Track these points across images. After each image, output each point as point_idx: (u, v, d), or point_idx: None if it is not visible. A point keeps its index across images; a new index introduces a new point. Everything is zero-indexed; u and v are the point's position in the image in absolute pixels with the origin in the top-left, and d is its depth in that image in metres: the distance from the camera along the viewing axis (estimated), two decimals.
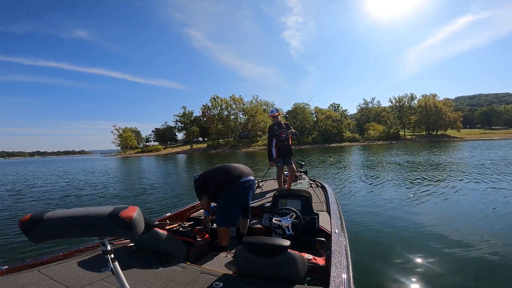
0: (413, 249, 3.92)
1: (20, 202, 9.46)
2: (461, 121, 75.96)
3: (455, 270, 3.28)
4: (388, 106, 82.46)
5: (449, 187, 8.18)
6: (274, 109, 5.07)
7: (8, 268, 1.74)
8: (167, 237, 2.11)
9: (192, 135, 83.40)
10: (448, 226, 4.81)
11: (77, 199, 9.59)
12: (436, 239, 4.27)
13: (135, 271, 1.77)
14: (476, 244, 3.96)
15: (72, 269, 1.79)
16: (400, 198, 7.15)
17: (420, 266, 3.40)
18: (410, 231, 4.69)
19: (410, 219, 5.27)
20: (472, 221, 5.06)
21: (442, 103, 75.62)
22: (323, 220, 2.87)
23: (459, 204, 6.26)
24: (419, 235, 4.50)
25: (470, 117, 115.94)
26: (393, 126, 75.69)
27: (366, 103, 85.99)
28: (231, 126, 77.77)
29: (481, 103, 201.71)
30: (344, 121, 77.94)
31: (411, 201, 6.78)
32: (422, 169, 12.83)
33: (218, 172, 2.75)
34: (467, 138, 66.31)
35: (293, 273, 1.61)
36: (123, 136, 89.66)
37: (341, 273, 1.57)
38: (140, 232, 0.99)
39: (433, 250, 3.86)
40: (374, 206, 6.38)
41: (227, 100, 77.79)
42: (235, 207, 2.65)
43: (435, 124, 74.94)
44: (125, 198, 9.45)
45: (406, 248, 3.95)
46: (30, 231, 0.91)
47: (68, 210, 0.98)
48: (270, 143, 4.97)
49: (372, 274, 3.26)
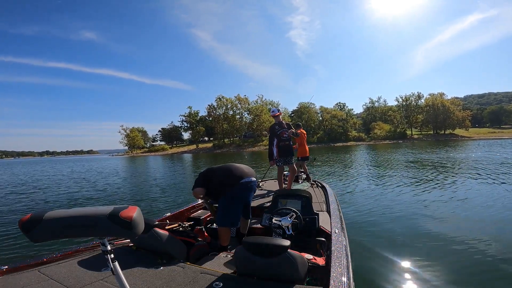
0: (414, 249, 3.90)
1: (20, 202, 9.50)
2: (469, 120, 74.75)
3: (455, 270, 3.25)
4: (395, 105, 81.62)
5: (452, 187, 8.08)
6: (275, 109, 5.07)
7: (8, 268, 1.75)
8: (167, 237, 2.10)
9: (197, 135, 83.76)
10: (449, 226, 4.77)
11: (79, 199, 9.61)
12: (436, 239, 4.24)
13: (135, 271, 1.77)
14: (478, 246, 3.89)
15: (72, 269, 1.79)
16: (401, 198, 7.09)
17: (421, 267, 3.37)
18: (410, 231, 4.66)
19: (411, 219, 5.24)
20: (476, 222, 4.98)
21: (450, 102, 74.56)
22: (323, 220, 2.87)
23: (461, 204, 6.19)
24: (419, 235, 4.47)
25: (479, 116, 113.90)
26: (399, 125, 74.91)
27: (372, 102, 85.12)
28: (236, 125, 77.90)
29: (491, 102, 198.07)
30: (350, 120, 77.42)
31: (412, 201, 6.72)
32: (425, 169, 12.70)
33: (221, 172, 2.75)
34: (476, 137, 65.18)
35: (293, 273, 1.61)
36: (130, 136, 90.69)
37: (341, 273, 1.56)
38: (140, 232, 0.99)
39: (433, 250, 3.83)
40: (374, 206, 6.33)
41: (232, 100, 77.98)
42: (237, 207, 2.65)
43: (443, 123, 73.88)
44: (126, 198, 9.47)
45: (407, 248, 3.92)
46: (30, 231, 0.91)
47: (68, 210, 0.98)
48: (271, 142, 4.98)
49: (372, 274, 3.25)
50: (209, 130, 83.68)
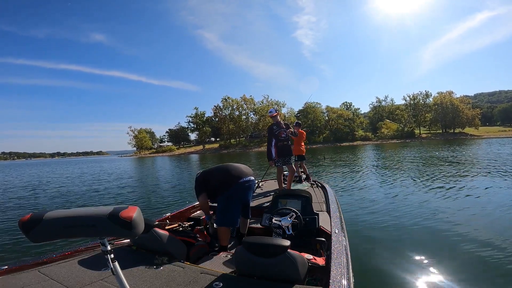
0: (414, 249, 3.87)
1: (21, 202, 9.61)
2: (479, 119, 73.24)
3: (455, 271, 3.22)
4: (403, 104, 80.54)
5: (453, 187, 7.97)
6: (273, 109, 5.07)
7: (8, 268, 1.74)
8: (167, 237, 2.11)
9: (204, 136, 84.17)
10: (449, 226, 4.72)
11: (79, 200, 9.67)
12: (437, 239, 4.21)
13: (135, 271, 1.78)
14: (485, 246, 3.83)
15: (72, 269, 1.80)
16: (402, 197, 7.03)
17: (421, 267, 3.35)
18: (411, 231, 4.63)
19: (411, 219, 5.20)
20: (482, 223, 4.89)
21: (459, 100, 73.09)
22: (323, 220, 2.86)
23: (464, 204, 6.11)
24: (420, 235, 4.44)
25: (489, 114, 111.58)
26: (407, 124, 73.87)
27: (379, 101, 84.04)
28: (242, 126, 78.02)
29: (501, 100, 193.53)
30: (357, 120, 76.67)
31: (413, 201, 6.65)
32: (427, 168, 12.55)
33: (219, 172, 2.77)
34: (485, 136, 63.82)
35: (293, 273, 1.61)
36: (138, 137, 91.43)
37: (341, 273, 1.56)
38: (140, 232, 0.99)
39: (434, 250, 3.79)
40: (375, 206, 6.30)
41: (238, 101, 78.11)
42: (235, 207, 2.66)
43: (452, 122, 72.50)
44: (127, 198, 9.51)
45: (407, 248, 3.90)
46: (30, 231, 0.92)
47: (68, 210, 0.97)
48: (269, 143, 4.98)
49: (372, 274, 3.24)
50: (215, 131, 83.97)
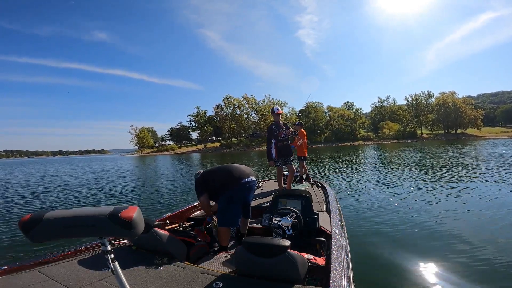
0: (414, 249, 3.87)
1: (23, 201, 9.61)
2: (481, 119, 72.94)
3: (456, 271, 3.21)
4: (405, 104, 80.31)
5: (454, 187, 7.96)
6: (277, 108, 5.06)
7: (8, 268, 1.74)
8: (167, 237, 2.11)
9: (205, 135, 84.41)
10: (450, 227, 4.71)
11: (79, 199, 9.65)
12: (438, 240, 4.19)
13: (135, 271, 1.78)
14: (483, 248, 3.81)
15: (72, 269, 1.80)
16: (402, 198, 7.01)
17: (421, 267, 3.34)
18: (411, 231, 4.62)
19: (412, 219, 5.19)
20: (486, 224, 4.86)
21: (461, 100, 72.98)
22: (323, 220, 2.86)
23: (464, 204, 6.11)
24: (420, 235, 4.43)
25: (492, 115, 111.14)
26: (409, 124, 73.70)
27: (381, 101, 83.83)
28: (244, 125, 78.10)
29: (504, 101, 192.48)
30: (358, 119, 76.58)
31: (413, 201, 6.65)
32: (428, 169, 12.53)
33: (220, 172, 2.77)
34: (488, 136, 63.52)
35: (293, 273, 1.61)
36: (140, 135, 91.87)
37: (341, 273, 1.56)
38: (140, 232, 0.99)
39: (434, 251, 3.79)
40: (375, 206, 6.29)
41: (239, 100, 78.22)
42: (236, 207, 2.66)
43: (454, 122, 72.37)
44: (127, 198, 9.50)
45: (407, 248, 3.89)
46: (30, 231, 0.91)
47: (68, 210, 0.97)
48: (269, 143, 4.98)
49: (372, 274, 3.24)
50: (216, 130, 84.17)
